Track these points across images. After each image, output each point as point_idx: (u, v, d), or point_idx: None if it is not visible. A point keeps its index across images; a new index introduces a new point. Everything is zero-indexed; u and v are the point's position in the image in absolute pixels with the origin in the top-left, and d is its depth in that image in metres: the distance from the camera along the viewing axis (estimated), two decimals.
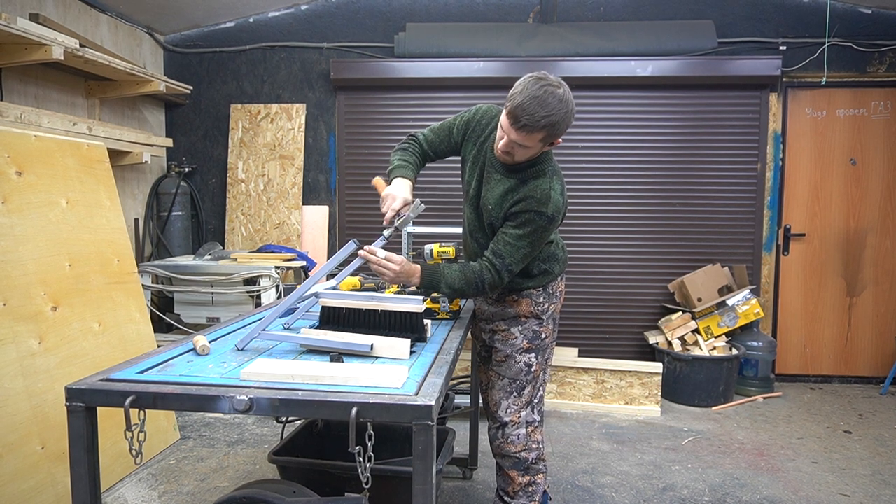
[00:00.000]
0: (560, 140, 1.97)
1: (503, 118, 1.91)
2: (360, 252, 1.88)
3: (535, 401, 2.23)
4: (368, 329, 1.81)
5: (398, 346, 1.69)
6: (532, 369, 2.20)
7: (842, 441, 3.62)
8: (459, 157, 2.26)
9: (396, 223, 1.99)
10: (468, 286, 2.01)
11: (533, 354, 2.20)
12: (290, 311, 2.06)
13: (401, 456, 2.31)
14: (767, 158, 4.61)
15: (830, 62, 4.50)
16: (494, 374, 2.26)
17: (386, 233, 1.98)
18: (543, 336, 2.22)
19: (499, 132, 1.95)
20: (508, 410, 2.20)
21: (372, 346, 1.69)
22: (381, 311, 1.82)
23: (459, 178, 2.30)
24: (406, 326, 1.82)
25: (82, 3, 3.97)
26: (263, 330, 1.79)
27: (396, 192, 2.03)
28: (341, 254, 1.82)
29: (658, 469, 3.21)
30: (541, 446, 2.24)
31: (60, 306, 2.75)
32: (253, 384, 1.43)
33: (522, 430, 2.20)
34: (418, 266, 2.00)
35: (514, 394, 2.20)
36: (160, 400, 1.39)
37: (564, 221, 2.23)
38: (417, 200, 2.02)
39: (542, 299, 2.20)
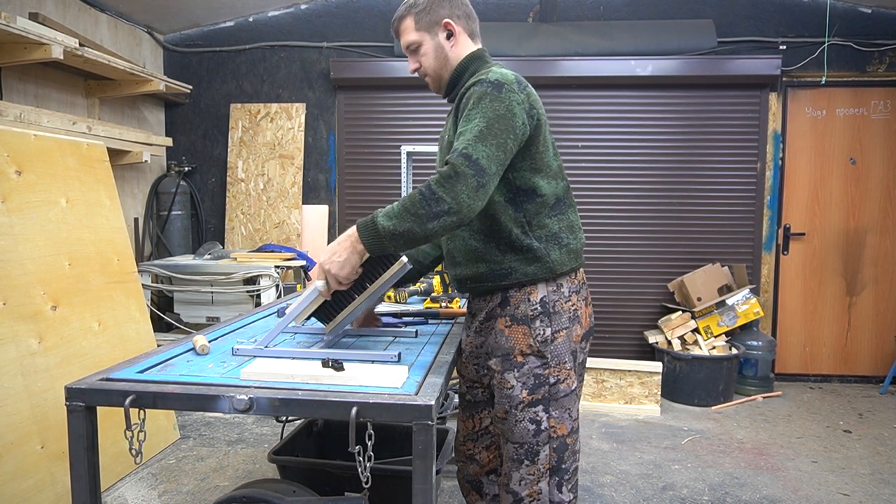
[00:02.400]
0: (452, 23, 1.71)
1: None
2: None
3: (566, 475, 1.67)
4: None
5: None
6: (542, 427, 1.63)
7: (841, 440, 3.62)
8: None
9: None
10: (412, 203, 1.45)
11: (541, 408, 1.63)
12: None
13: (401, 455, 2.30)
14: (767, 158, 4.61)
15: (830, 62, 4.50)
16: (500, 431, 1.73)
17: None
18: (552, 381, 1.64)
19: None
20: (523, 482, 1.66)
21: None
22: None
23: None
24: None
25: (82, 3, 3.97)
26: (266, 346, 1.73)
27: None
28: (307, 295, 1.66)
29: (658, 468, 3.21)
30: None
31: (60, 305, 2.75)
32: (253, 384, 1.43)
33: None
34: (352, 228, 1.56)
35: (526, 461, 1.66)
36: (160, 399, 1.39)
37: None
38: None
39: (538, 324, 1.63)
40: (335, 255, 1.53)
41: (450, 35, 1.72)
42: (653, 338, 4.48)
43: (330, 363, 1.49)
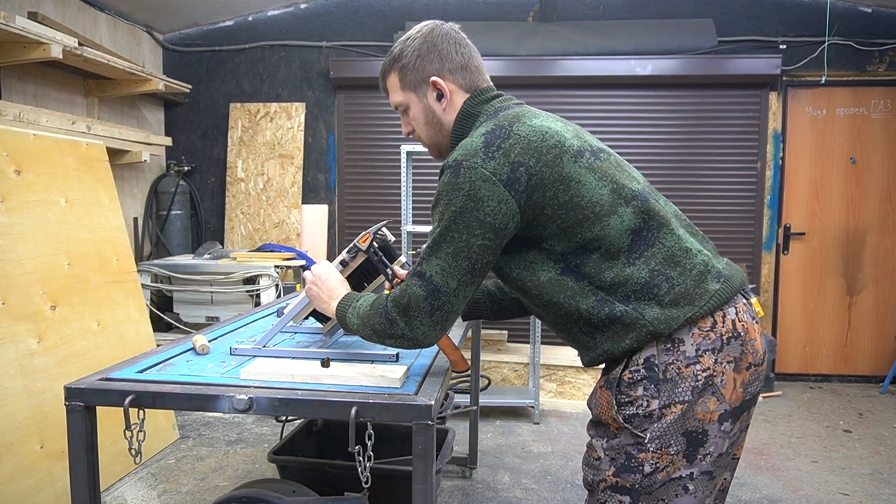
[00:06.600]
0: (440, 82, 1.37)
1: None
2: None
3: None
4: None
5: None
6: None
7: (841, 440, 3.62)
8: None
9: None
10: (375, 314, 1.33)
11: (628, 499, 1.21)
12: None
13: (401, 455, 2.30)
14: (767, 157, 4.61)
15: (830, 61, 4.50)
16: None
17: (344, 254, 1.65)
18: (648, 469, 1.19)
19: None
20: None
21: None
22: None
23: None
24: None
25: (81, 2, 3.96)
26: (265, 346, 1.74)
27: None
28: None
29: None
30: None
31: (59, 305, 2.75)
32: (252, 383, 1.42)
33: None
34: (345, 290, 1.51)
35: None
36: (159, 399, 1.38)
37: None
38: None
39: (640, 392, 1.19)
40: (321, 293, 1.51)
41: (440, 96, 1.39)
42: None
43: (328, 362, 1.49)
